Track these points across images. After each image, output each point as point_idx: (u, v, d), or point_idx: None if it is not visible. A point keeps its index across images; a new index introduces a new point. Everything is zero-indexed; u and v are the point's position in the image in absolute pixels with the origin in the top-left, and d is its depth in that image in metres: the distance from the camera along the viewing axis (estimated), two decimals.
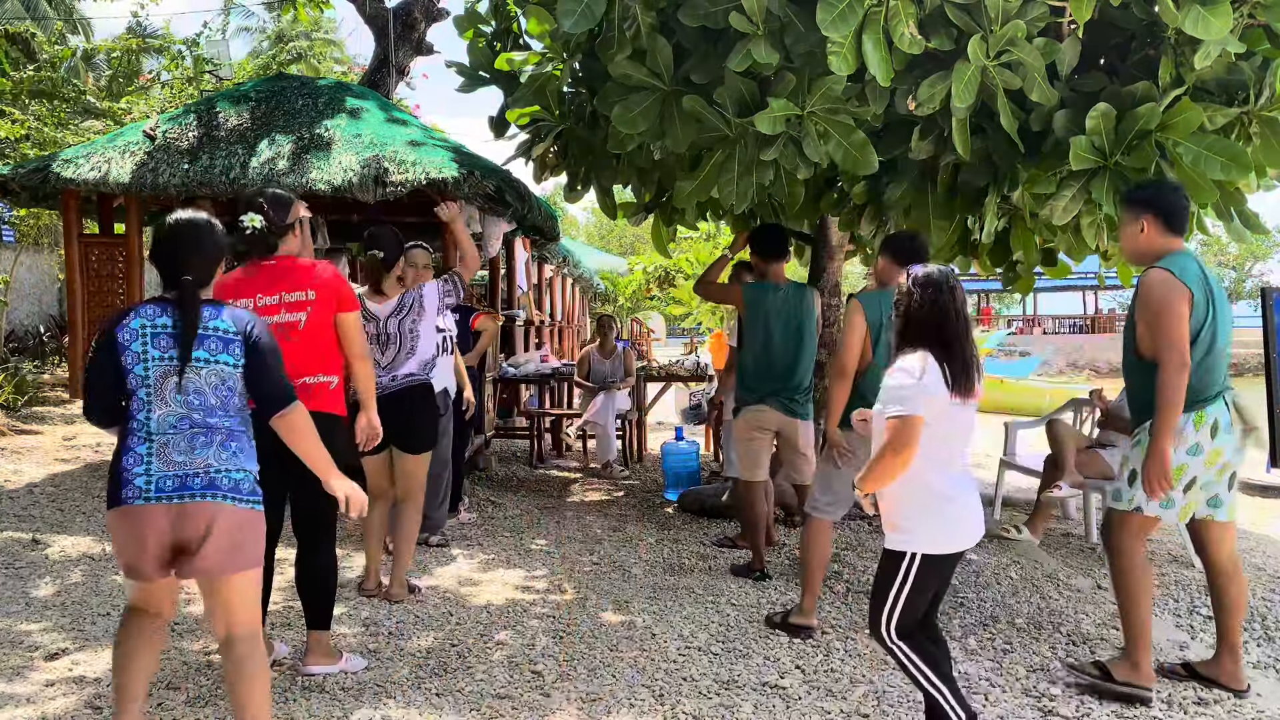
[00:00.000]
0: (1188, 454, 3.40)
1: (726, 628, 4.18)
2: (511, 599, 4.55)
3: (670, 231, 6.19)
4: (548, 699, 3.41)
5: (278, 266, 3.49)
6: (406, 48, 10.01)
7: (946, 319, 2.78)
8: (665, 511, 6.63)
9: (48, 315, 15.41)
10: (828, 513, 4.16)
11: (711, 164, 4.48)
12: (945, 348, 2.77)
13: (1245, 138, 4.16)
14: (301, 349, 3.43)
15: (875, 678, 3.66)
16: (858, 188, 5.12)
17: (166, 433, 2.60)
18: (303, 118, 6.87)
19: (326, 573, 3.58)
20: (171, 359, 2.62)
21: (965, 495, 2.86)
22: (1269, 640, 4.22)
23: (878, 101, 4.12)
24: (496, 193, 6.46)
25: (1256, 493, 7.73)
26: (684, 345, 20.99)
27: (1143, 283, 3.43)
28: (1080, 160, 3.95)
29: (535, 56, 5.15)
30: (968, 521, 2.86)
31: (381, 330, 4.36)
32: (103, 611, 4.20)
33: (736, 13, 3.85)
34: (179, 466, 2.59)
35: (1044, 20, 3.86)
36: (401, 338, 4.36)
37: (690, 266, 18.23)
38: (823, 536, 4.17)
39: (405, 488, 4.48)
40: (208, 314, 2.68)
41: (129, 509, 2.58)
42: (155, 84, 14.12)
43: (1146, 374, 3.40)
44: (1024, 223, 5.16)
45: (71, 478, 6.86)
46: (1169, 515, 3.49)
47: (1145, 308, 3.40)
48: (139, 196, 6.71)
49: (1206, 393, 3.41)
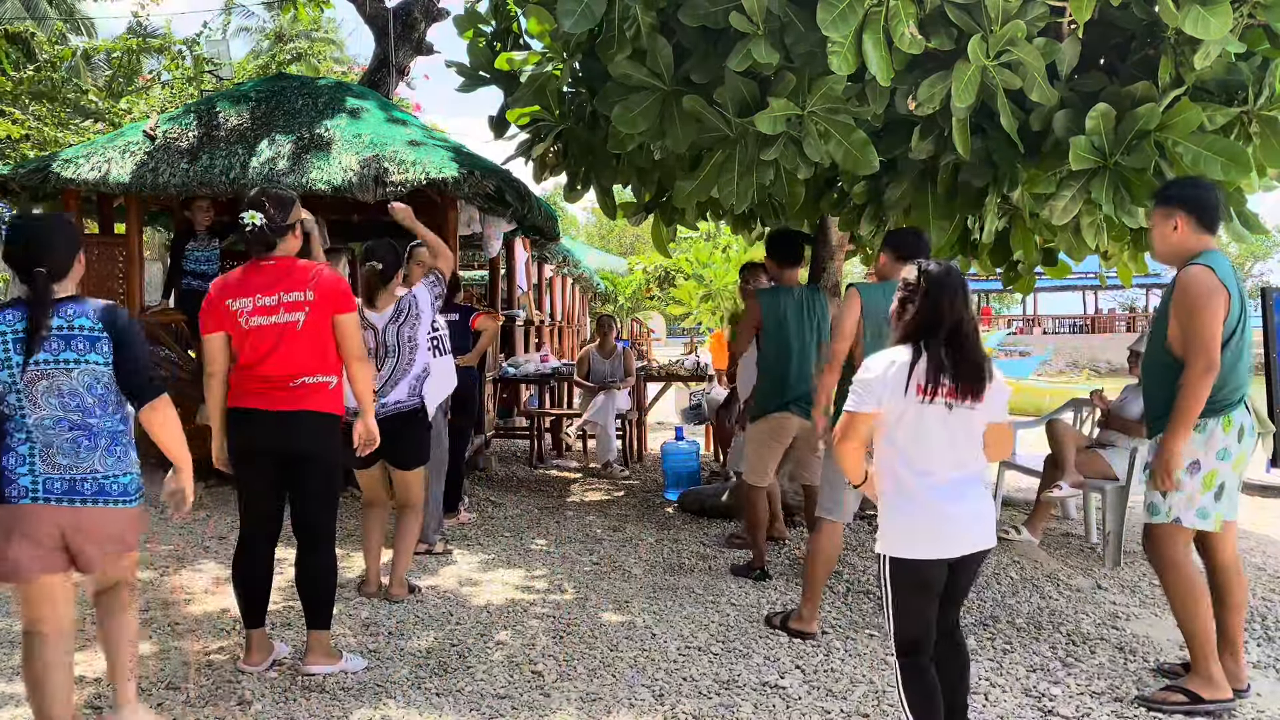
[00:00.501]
0: (1218, 459, 3.34)
1: (726, 628, 4.18)
2: (511, 599, 4.55)
3: (670, 231, 6.19)
4: (548, 699, 3.41)
5: (277, 266, 3.49)
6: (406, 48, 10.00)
7: (938, 316, 2.69)
8: (665, 511, 6.63)
9: None
10: (839, 515, 4.10)
11: (711, 164, 4.48)
12: (933, 345, 2.68)
13: (1245, 138, 4.16)
14: (300, 349, 3.43)
15: (875, 678, 3.66)
16: (858, 188, 5.11)
17: (47, 434, 2.68)
18: (303, 118, 6.87)
19: (326, 573, 3.58)
20: (36, 362, 2.67)
21: (945, 503, 2.68)
22: (1269, 640, 4.22)
23: (878, 101, 4.11)
24: (496, 193, 6.47)
25: (1256, 493, 7.72)
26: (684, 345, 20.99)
27: (1182, 279, 3.33)
28: (1080, 160, 3.95)
29: (535, 56, 5.15)
30: (942, 530, 2.69)
31: (380, 341, 4.35)
32: None
33: (736, 13, 3.85)
34: (65, 470, 2.69)
35: (1044, 20, 3.86)
36: (400, 347, 4.35)
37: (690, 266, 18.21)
38: (831, 541, 4.09)
39: (404, 496, 4.49)
40: (71, 311, 2.72)
41: (14, 508, 2.66)
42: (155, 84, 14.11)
43: (1177, 373, 3.30)
44: (1024, 223, 5.16)
45: None
46: (1208, 525, 3.39)
47: (1181, 305, 3.30)
48: (139, 196, 6.71)
49: (1232, 397, 3.35)
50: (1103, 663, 3.86)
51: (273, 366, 3.42)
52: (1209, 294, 3.25)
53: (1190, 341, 3.26)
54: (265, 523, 3.59)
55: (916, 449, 2.71)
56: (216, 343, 3.49)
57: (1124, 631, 4.23)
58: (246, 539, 3.59)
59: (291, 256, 3.55)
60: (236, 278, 3.52)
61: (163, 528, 5.67)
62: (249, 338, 3.43)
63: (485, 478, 7.71)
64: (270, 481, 3.54)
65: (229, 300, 3.46)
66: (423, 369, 4.44)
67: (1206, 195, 3.43)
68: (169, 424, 2.83)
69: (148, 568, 4.88)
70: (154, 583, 4.65)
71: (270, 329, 3.41)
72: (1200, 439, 3.35)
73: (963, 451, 2.74)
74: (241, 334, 3.44)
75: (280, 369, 3.42)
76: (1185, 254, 3.41)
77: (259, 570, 3.57)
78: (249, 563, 3.56)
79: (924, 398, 2.67)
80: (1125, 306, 39.93)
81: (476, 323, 6.30)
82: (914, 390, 2.67)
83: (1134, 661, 3.88)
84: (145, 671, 3.56)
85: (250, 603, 3.56)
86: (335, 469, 3.61)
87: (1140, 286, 33.31)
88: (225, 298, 3.47)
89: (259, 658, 3.57)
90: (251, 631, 3.57)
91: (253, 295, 3.44)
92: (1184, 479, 3.35)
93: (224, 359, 3.50)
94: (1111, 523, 5.32)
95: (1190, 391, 3.24)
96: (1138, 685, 3.61)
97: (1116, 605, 4.60)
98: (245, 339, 3.44)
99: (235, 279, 3.51)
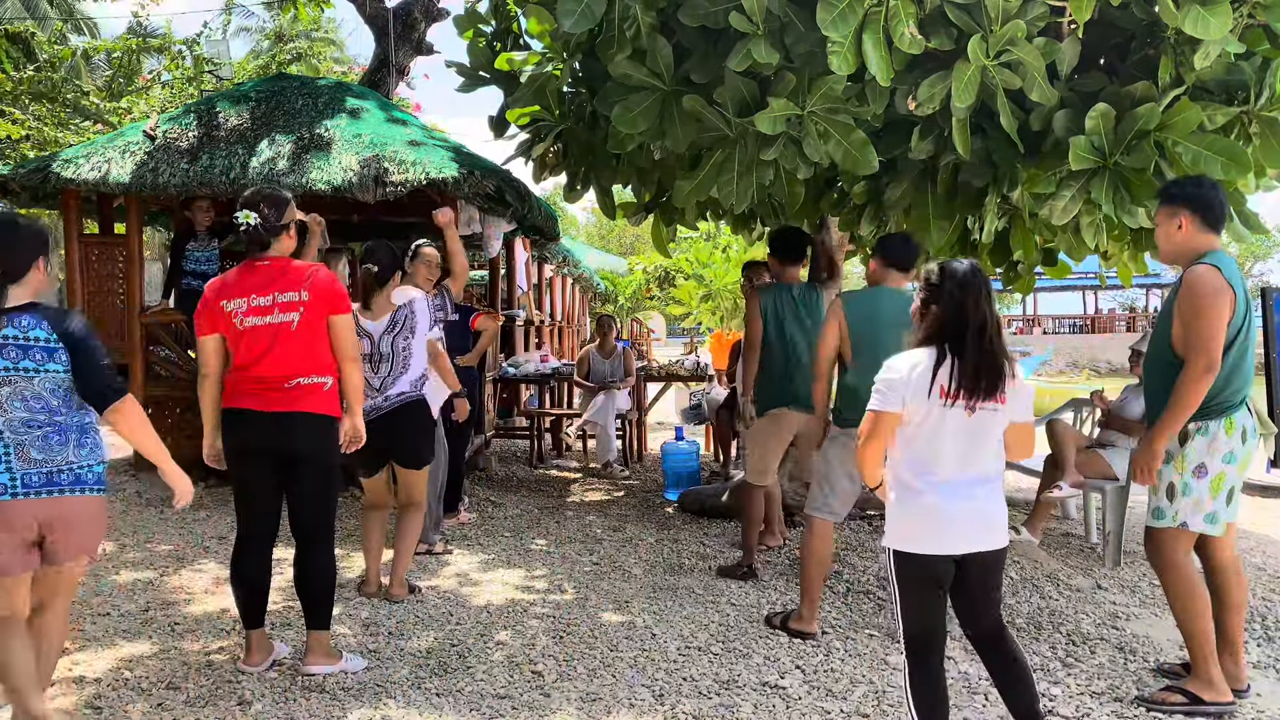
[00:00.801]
0: (1224, 462, 3.32)
1: (726, 628, 4.18)
2: (511, 599, 4.55)
3: (670, 231, 6.19)
4: (548, 699, 3.41)
5: (272, 267, 3.48)
6: (406, 48, 10.00)
7: (962, 317, 2.65)
8: (665, 511, 6.63)
9: None
10: (828, 513, 4.12)
11: (711, 164, 4.48)
12: (956, 347, 2.65)
13: (1245, 138, 4.15)
14: (294, 350, 3.42)
15: (875, 678, 3.65)
16: (858, 188, 5.11)
17: (18, 434, 2.72)
18: (303, 118, 6.87)
19: (324, 572, 3.58)
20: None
21: (947, 500, 2.68)
22: (1269, 640, 4.22)
23: (878, 101, 4.11)
24: (496, 193, 6.47)
25: (1256, 493, 7.73)
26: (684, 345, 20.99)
27: (1188, 278, 3.30)
28: (1080, 160, 3.95)
29: (535, 56, 5.15)
30: (943, 527, 2.68)
31: (375, 349, 4.35)
32: (103, 611, 4.21)
33: (736, 13, 3.85)
34: (40, 464, 2.73)
35: (1044, 20, 3.86)
36: (395, 355, 4.35)
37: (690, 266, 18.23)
38: (823, 539, 4.10)
39: (407, 495, 4.49)
40: (26, 323, 2.74)
41: None
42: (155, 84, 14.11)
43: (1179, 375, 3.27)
44: (1024, 223, 5.15)
45: None
46: (1215, 530, 3.38)
47: (1186, 304, 3.27)
48: (139, 196, 6.71)
49: (1234, 398, 3.32)
50: (1103, 663, 3.86)
51: (267, 367, 3.41)
52: (1215, 294, 3.23)
53: (1192, 340, 3.23)
54: (262, 523, 3.58)
55: (929, 449, 2.70)
56: (211, 344, 3.50)
57: (1124, 631, 4.23)
58: (244, 539, 3.59)
59: (286, 257, 3.54)
60: (231, 278, 3.51)
61: (163, 528, 5.67)
62: (244, 339, 3.43)
63: (485, 478, 7.71)
64: (266, 481, 3.53)
65: (224, 301, 3.45)
66: (420, 374, 4.44)
67: (1211, 194, 3.40)
68: (136, 424, 2.86)
69: (148, 568, 4.88)
70: (154, 583, 4.65)
71: (265, 329, 3.41)
72: (1203, 442, 3.33)
73: (978, 452, 2.72)
74: (236, 335, 3.44)
75: (275, 370, 3.41)
76: (1190, 253, 3.39)
77: (257, 570, 3.57)
78: (247, 563, 3.56)
79: (946, 401, 2.65)
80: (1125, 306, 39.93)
81: (476, 323, 6.31)
82: (937, 393, 2.65)
83: (1134, 661, 3.88)
84: (145, 671, 3.57)
85: (249, 603, 3.56)
86: (332, 469, 3.60)
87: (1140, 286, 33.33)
88: (220, 299, 3.46)
89: (259, 658, 3.57)
90: (251, 632, 3.57)
91: (247, 296, 3.44)
92: (1191, 483, 3.34)
93: (218, 361, 3.50)
94: (1111, 523, 5.33)
95: (1187, 390, 3.22)
96: (1138, 685, 3.61)
97: (1116, 605, 4.60)
98: (240, 340, 3.43)
99: (230, 280, 3.51)
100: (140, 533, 5.56)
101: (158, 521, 5.83)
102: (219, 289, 3.49)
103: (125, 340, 6.83)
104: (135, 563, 4.96)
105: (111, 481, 6.78)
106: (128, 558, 5.05)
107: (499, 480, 7.73)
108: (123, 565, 4.92)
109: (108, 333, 6.83)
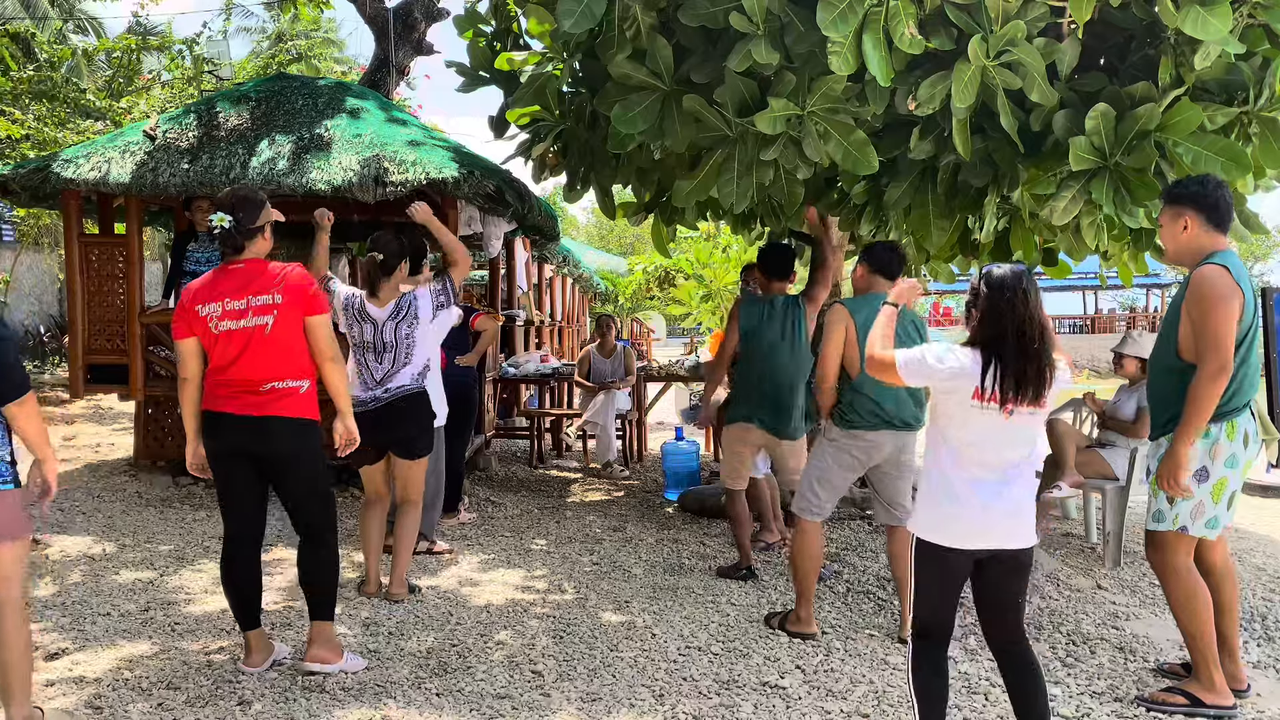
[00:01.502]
0: (1226, 466, 3.30)
1: (726, 628, 4.18)
2: (511, 599, 4.55)
3: (670, 231, 6.19)
4: (548, 699, 3.41)
5: (246, 269, 3.46)
6: (406, 48, 10.00)
7: (999, 322, 2.68)
8: (665, 511, 6.63)
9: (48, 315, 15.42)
10: (814, 512, 4.10)
11: (711, 164, 4.48)
12: (997, 351, 2.67)
13: (1245, 138, 4.16)
14: (269, 354, 3.40)
15: (875, 678, 3.66)
16: (858, 188, 5.12)
17: None
18: (303, 118, 6.87)
19: (327, 564, 3.59)
20: None
21: (976, 497, 2.70)
22: (1269, 640, 4.22)
23: (878, 101, 4.11)
24: (496, 193, 6.46)
25: (1256, 493, 7.73)
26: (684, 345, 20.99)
27: (1196, 278, 3.27)
28: (1080, 160, 3.95)
29: (535, 56, 5.15)
30: (968, 522, 2.72)
31: (379, 337, 4.36)
32: (103, 611, 4.21)
33: (736, 13, 3.85)
34: None
35: (1044, 20, 3.86)
36: (398, 345, 4.36)
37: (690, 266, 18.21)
38: (811, 539, 4.09)
39: (404, 490, 4.48)
40: None
41: None
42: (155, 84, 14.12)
43: (1185, 379, 3.24)
44: (1024, 223, 5.16)
45: (71, 478, 6.86)
46: (1213, 535, 3.37)
47: (1195, 304, 3.23)
48: (139, 196, 6.71)
49: (1238, 402, 3.30)
50: (1103, 663, 3.86)
51: (241, 371, 3.40)
52: (1226, 294, 3.19)
53: (1203, 341, 3.19)
54: (247, 524, 3.57)
55: (967, 447, 2.74)
56: (188, 348, 3.48)
57: (1124, 631, 4.23)
58: (229, 540, 3.58)
59: (261, 259, 3.51)
60: (207, 282, 3.49)
61: (163, 527, 5.68)
62: (219, 343, 3.41)
63: (485, 478, 7.71)
64: (247, 483, 3.52)
65: (198, 305, 3.43)
66: (423, 365, 4.44)
67: (1216, 193, 3.36)
68: (33, 418, 2.92)
69: (148, 568, 4.88)
70: (154, 583, 4.65)
71: (239, 333, 3.39)
72: (1205, 445, 3.31)
73: (1010, 453, 2.74)
74: (211, 339, 3.42)
75: (249, 373, 3.40)
76: (1197, 253, 3.36)
77: (246, 571, 3.55)
78: (233, 566, 3.54)
79: (983, 403, 2.68)
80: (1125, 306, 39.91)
81: (476, 323, 6.31)
82: (974, 395, 2.68)
83: (1134, 661, 3.88)
84: (145, 671, 3.57)
85: (242, 604, 3.54)
86: (317, 468, 3.57)
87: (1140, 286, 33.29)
88: (195, 303, 3.45)
89: (259, 658, 3.57)
90: (249, 633, 3.56)
91: (221, 300, 3.42)
92: (1192, 486, 3.32)
93: (197, 364, 3.49)
94: (1111, 523, 5.33)
95: (1202, 392, 3.18)
96: (1138, 685, 3.61)
97: (1116, 605, 4.60)
98: (215, 344, 3.42)
99: (205, 283, 3.49)
100: (140, 533, 5.55)
101: (158, 521, 5.83)
102: (194, 293, 3.47)
103: (125, 340, 6.83)
104: (135, 563, 4.96)
105: (112, 482, 6.78)
106: (128, 558, 5.05)
107: (499, 480, 7.72)
108: (123, 565, 4.92)
109: (108, 333, 6.85)
